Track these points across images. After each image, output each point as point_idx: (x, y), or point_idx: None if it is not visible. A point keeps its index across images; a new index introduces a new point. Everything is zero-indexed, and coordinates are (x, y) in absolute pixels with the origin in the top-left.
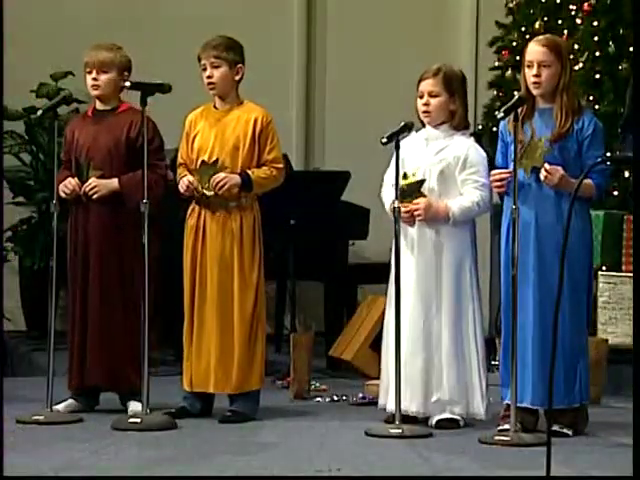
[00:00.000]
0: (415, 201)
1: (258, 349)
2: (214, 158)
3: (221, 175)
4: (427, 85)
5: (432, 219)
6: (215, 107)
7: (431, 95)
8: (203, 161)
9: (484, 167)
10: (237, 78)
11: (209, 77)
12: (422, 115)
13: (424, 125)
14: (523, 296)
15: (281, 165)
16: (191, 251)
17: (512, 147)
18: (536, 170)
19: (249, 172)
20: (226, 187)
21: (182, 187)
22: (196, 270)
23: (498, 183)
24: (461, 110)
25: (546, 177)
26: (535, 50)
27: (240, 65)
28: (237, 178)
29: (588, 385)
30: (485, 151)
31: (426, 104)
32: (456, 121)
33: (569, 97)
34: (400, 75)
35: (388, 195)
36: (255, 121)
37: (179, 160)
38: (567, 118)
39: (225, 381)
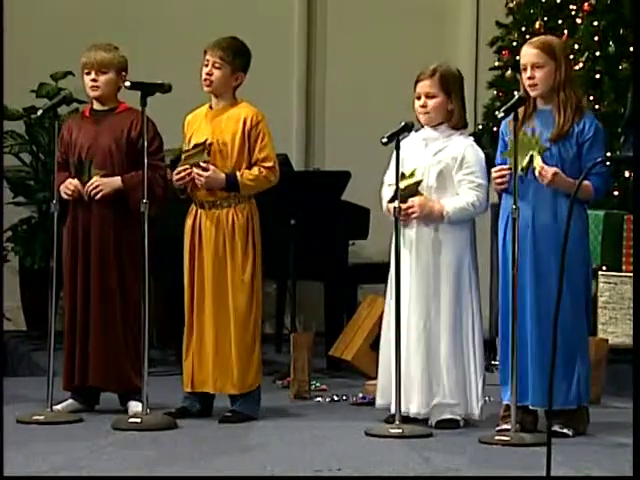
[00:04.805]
0: (410, 199)
1: (255, 348)
2: (204, 139)
3: (206, 172)
4: (424, 87)
5: (427, 217)
6: (210, 107)
7: (428, 96)
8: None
9: (481, 167)
10: (234, 84)
11: (209, 74)
12: (421, 117)
13: (422, 125)
14: (521, 297)
15: (271, 164)
16: (189, 251)
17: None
18: (532, 169)
19: (237, 173)
20: (202, 181)
21: (176, 178)
22: (194, 270)
23: (499, 180)
24: (459, 109)
25: (540, 174)
26: (527, 53)
27: (241, 73)
28: (221, 178)
29: (589, 386)
30: (485, 151)
31: (424, 106)
32: (454, 121)
33: (567, 95)
34: (400, 75)
35: (385, 195)
36: (245, 120)
37: None
38: (567, 118)
39: (223, 381)
